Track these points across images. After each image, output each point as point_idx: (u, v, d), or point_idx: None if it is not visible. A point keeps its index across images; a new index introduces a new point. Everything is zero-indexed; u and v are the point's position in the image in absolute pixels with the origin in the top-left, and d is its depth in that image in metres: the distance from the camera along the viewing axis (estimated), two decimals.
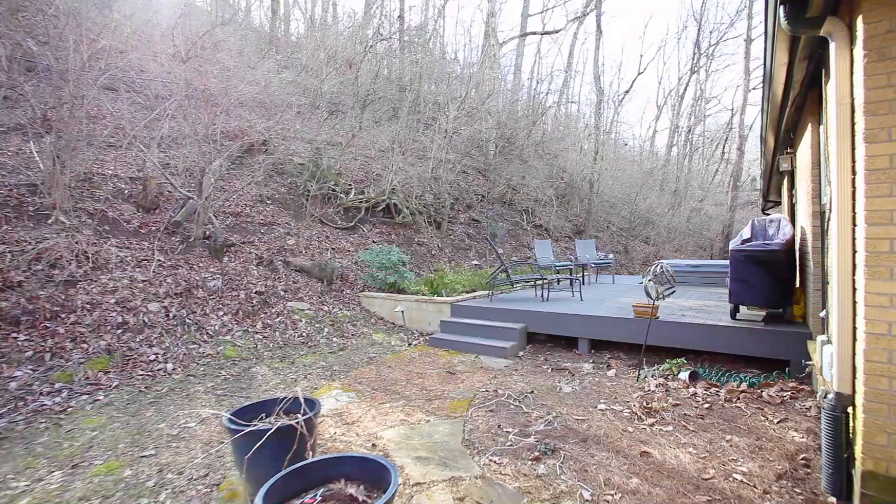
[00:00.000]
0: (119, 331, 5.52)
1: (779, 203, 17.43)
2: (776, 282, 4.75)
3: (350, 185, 11.76)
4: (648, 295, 4.63)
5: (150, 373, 5.10)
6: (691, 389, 4.20)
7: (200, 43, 10.40)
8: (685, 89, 29.11)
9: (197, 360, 5.52)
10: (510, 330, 6.18)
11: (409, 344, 6.75)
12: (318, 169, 11.17)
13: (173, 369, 5.25)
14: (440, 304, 7.20)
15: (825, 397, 2.51)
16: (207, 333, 6.11)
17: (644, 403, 3.87)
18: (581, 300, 7.34)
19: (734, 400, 3.94)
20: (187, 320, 6.17)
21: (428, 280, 8.11)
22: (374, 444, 3.39)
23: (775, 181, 11.41)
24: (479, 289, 8.49)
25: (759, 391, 4.03)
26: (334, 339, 6.82)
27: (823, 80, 3.65)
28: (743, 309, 5.53)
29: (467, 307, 6.98)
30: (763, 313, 5.51)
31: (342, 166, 12.32)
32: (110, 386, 4.66)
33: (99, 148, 8.31)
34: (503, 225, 15.08)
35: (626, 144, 27.99)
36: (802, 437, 3.27)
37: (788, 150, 6.27)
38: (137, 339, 5.53)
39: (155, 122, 8.50)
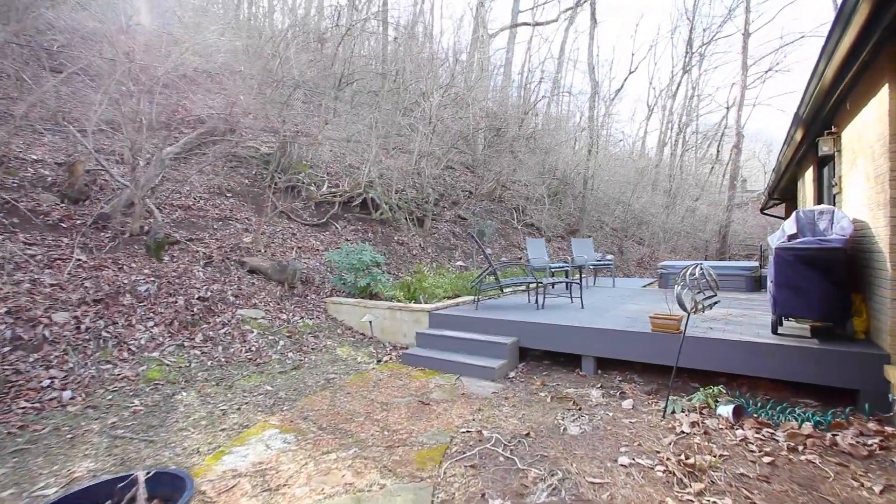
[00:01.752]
0: (6, 348, 4.36)
1: (782, 201, 16.65)
2: (834, 288, 3.76)
3: (323, 177, 10.64)
4: (682, 306, 3.60)
5: (36, 404, 3.95)
6: (739, 432, 3.17)
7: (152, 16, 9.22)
8: (677, 88, 28.38)
9: (107, 385, 4.38)
10: (499, 345, 5.12)
11: (379, 361, 5.65)
12: (287, 159, 10.04)
13: (71, 398, 4.11)
14: (417, 313, 6.12)
15: None
16: (129, 349, 4.97)
17: (682, 456, 2.83)
18: (582, 307, 6.31)
19: (801, 449, 2.92)
20: (104, 333, 5.01)
21: (404, 284, 7.02)
22: None
23: (787, 177, 10.53)
24: (463, 293, 7.42)
25: (830, 435, 3.02)
26: (290, 354, 5.71)
27: None
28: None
29: (448, 316, 5.91)
30: (807, 326, 4.53)
31: (314, 156, 11.19)
32: None
33: (32, 132, 7.13)
34: (492, 223, 14.05)
35: (620, 140, 27.16)
36: None
37: (830, 131, 5.30)
38: (30, 360, 4.38)
39: (98, 103, 7.28)
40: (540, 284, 6.34)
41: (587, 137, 18.90)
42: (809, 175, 7.72)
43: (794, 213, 4.50)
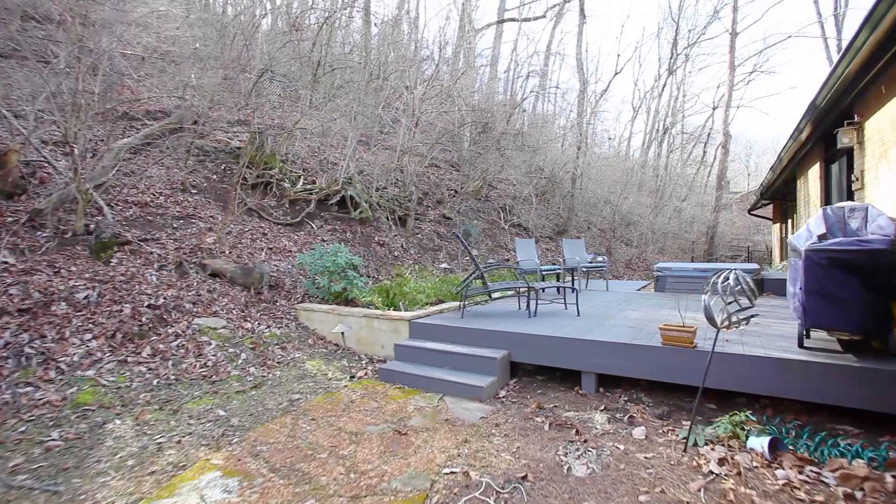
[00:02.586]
0: None
1: (770, 202, 16.43)
2: (874, 297, 3.25)
3: (298, 173, 9.95)
4: (711, 320, 3.03)
5: None
6: (779, 472, 2.63)
7: None
8: (663, 89, 28.25)
9: (23, 414, 3.67)
10: (487, 360, 4.52)
11: (352, 377, 5.02)
12: (259, 153, 9.33)
13: None
14: (396, 322, 5.50)
15: None
16: (58, 368, 4.26)
17: None
18: (578, 315, 5.75)
19: (859, 497, 2.39)
20: (28, 349, 4.30)
21: (382, 288, 6.39)
22: None
23: (784, 176, 10.17)
24: (448, 299, 6.82)
25: (891, 478, 2.49)
26: (251, 369, 5.04)
27: None
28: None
29: (431, 326, 5.30)
30: (834, 339, 4.03)
31: (289, 151, 10.49)
32: None
33: None
34: (478, 223, 13.49)
35: (611, 139, 26.87)
36: None
37: (852, 122, 4.84)
38: None
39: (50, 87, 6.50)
40: (532, 289, 5.77)
41: (575, 135, 18.47)
42: (814, 172, 7.31)
43: (819, 211, 4.00)
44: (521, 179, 14.92)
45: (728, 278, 2.90)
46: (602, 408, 3.93)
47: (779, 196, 14.86)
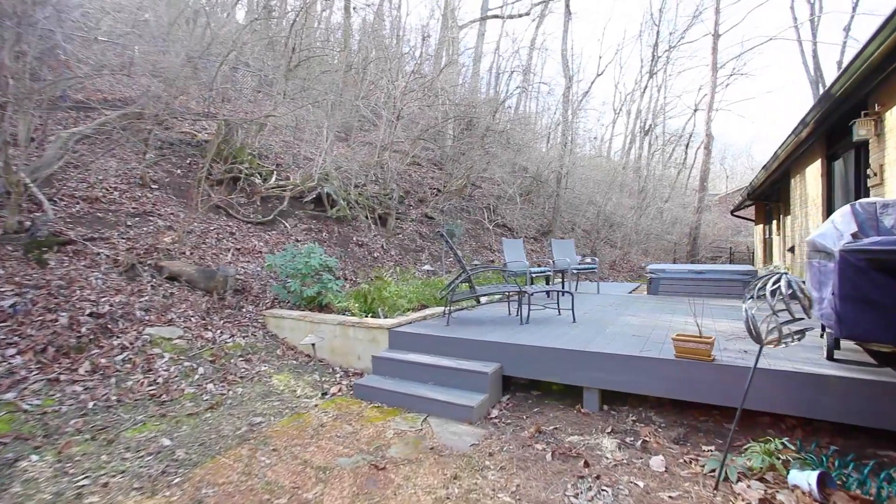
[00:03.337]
0: None
1: (753, 204, 16.35)
2: None
3: (271, 168, 9.30)
4: (755, 334, 2.55)
5: None
6: None
7: None
8: (644, 91, 28.22)
9: None
10: (477, 375, 4.01)
11: (324, 394, 4.44)
12: (229, 146, 8.66)
13: None
14: (374, 331, 4.95)
15: None
16: None
17: None
18: (573, 321, 5.29)
19: None
20: None
21: (360, 293, 5.83)
22: None
23: (776, 176, 9.93)
24: (431, 304, 6.30)
25: None
26: (209, 386, 4.42)
27: None
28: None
29: (413, 335, 4.77)
30: (860, 349, 3.65)
31: (262, 144, 9.83)
32: None
33: None
34: (462, 223, 13.00)
35: (595, 138, 26.69)
36: None
37: (869, 112, 4.48)
38: None
39: None
40: (524, 294, 5.28)
41: (560, 134, 18.14)
42: (814, 170, 7.02)
43: (847, 208, 3.60)
44: (506, 178, 14.48)
45: (779, 283, 2.43)
46: (609, 430, 3.46)
47: (762, 197, 14.75)
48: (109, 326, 4.72)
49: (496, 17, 20.59)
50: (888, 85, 4.17)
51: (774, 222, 14.23)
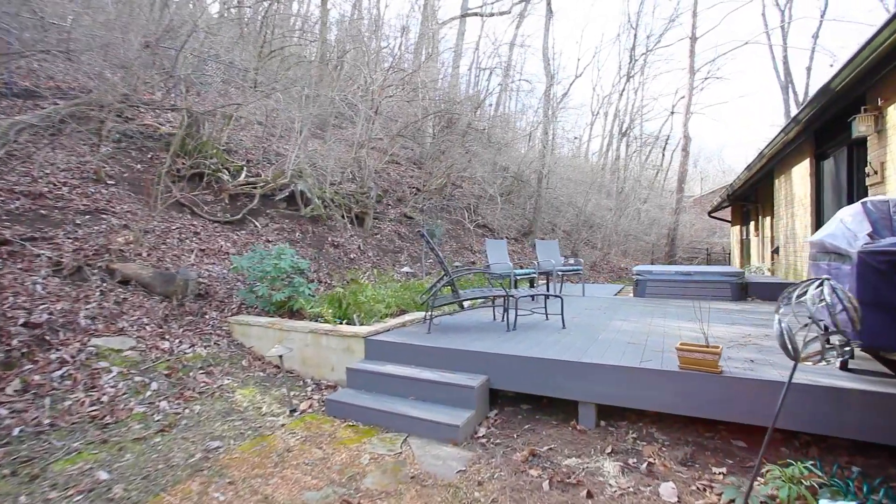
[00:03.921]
0: None
1: (730, 205, 16.46)
2: None
3: (240, 164, 8.77)
4: (790, 350, 2.23)
5: None
6: None
7: None
8: (621, 93, 28.36)
9: None
10: (463, 389, 3.65)
11: (293, 411, 4.01)
12: (195, 139, 8.10)
13: None
14: (349, 339, 4.53)
15: None
16: None
17: None
18: (563, 327, 4.98)
19: None
20: None
21: (334, 297, 5.40)
22: None
23: (756, 177, 9.88)
24: (411, 309, 5.91)
25: None
26: (162, 404, 3.94)
27: None
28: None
29: (392, 344, 4.37)
30: (869, 358, 3.42)
31: (231, 139, 9.28)
32: None
33: None
34: (442, 223, 12.63)
35: (576, 138, 26.69)
36: None
37: (869, 108, 4.29)
38: None
39: None
40: (512, 297, 4.95)
41: (541, 133, 17.96)
42: (802, 170, 6.89)
43: (858, 206, 3.36)
44: (487, 177, 14.19)
45: (823, 291, 2.12)
46: (609, 450, 3.13)
47: (740, 199, 14.84)
48: (47, 338, 4.19)
49: (476, 14, 20.30)
50: (891, 79, 3.99)
51: (752, 223, 14.32)
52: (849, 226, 3.33)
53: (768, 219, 11.73)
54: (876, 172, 4.35)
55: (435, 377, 3.83)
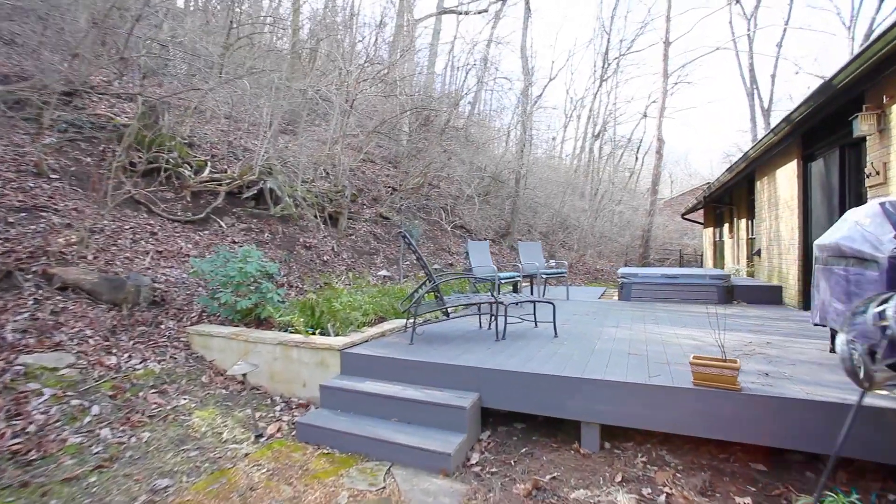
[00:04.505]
0: None
1: (703, 207, 16.64)
2: None
3: (204, 159, 8.14)
4: (858, 376, 1.92)
5: None
6: None
7: None
8: (595, 97, 28.55)
9: None
10: (453, 410, 3.25)
11: (259, 436, 3.53)
12: (153, 130, 7.43)
13: None
14: (322, 351, 4.08)
15: None
16: None
17: None
18: (555, 335, 4.65)
19: None
20: None
21: (306, 304, 4.92)
22: None
23: (734, 180, 9.86)
24: (390, 316, 5.48)
25: None
26: (104, 432, 3.40)
27: None
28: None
29: (370, 357, 3.94)
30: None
31: (194, 133, 8.64)
32: None
33: None
34: (419, 224, 12.22)
35: (553, 138, 26.69)
36: None
37: (872, 106, 4.12)
38: None
39: None
40: (500, 304, 4.58)
41: (518, 133, 17.75)
42: (788, 171, 6.79)
43: (875, 207, 3.14)
44: (464, 177, 13.85)
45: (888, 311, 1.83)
46: (619, 478, 2.80)
47: (715, 200, 14.96)
48: None
49: (453, 11, 19.95)
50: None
51: (726, 225, 14.44)
52: (868, 228, 3.10)
53: (743, 221, 11.77)
54: (878, 173, 4.19)
55: (421, 396, 3.42)
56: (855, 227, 3.25)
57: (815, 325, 3.86)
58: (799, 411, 2.68)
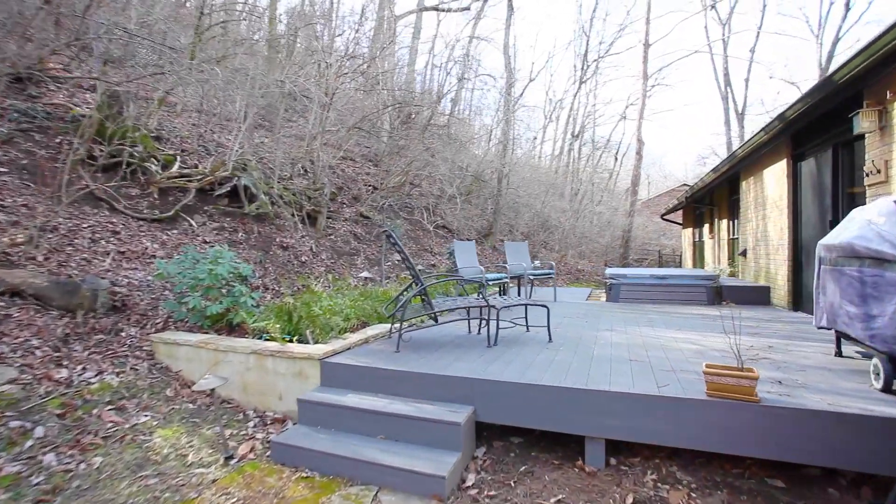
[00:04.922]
0: None
1: (681, 208, 16.75)
2: None
3: (173, 153, 7.65)
4: None
5: None
6: None
7: None
8: (574, 98, 28.66)
9: None
10: (446, 426, 2.96)
11: (229, 458, 3.17)
12: (116, 121, 6.91)
13: None
14: (300, 361, 3.74)
15: None
16: None
17: None
18: (549, 340, 4.40)
19: None
20: None
21: (283, 309, 4.55)
22: None
23: (718, 181, 9.84)
24: (373, 320, 5.16)
25: None
26: (47, 458, 2.99)
27: None
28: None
29: (353, 368, 3.62)
30: None
31: (163, 125, 8.14)
32: None
33: None
34: (401, 223, 11.89)
35: (534, 137, 26.63)
36: None
37: (872, 103, 4.00)
38: None
39: None
40: (492, 308, 4.31)
41: (500, 132, 17.58)
42: (776, 172, 6.71)
43: (889, 205, 2.98)
44: (447, 176, 13.58)
45: None
46: (630, 500, 2.55)
47: (696, 201, 15.04)
48: None
49: (434, 9, 19.66)
50: None
51: (707, 225, 14.53)
52: (884, 227, 2.93)
53: (725, 221, 11.81)
54: (879, 171, 4.07)
55: (410, 410, 3.12)
56: (868, 226, 3.08)
57: (820, 328, 3.71)
58: (822, 423, 2.48)
